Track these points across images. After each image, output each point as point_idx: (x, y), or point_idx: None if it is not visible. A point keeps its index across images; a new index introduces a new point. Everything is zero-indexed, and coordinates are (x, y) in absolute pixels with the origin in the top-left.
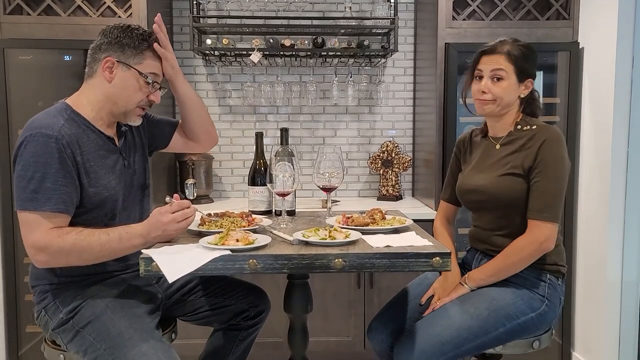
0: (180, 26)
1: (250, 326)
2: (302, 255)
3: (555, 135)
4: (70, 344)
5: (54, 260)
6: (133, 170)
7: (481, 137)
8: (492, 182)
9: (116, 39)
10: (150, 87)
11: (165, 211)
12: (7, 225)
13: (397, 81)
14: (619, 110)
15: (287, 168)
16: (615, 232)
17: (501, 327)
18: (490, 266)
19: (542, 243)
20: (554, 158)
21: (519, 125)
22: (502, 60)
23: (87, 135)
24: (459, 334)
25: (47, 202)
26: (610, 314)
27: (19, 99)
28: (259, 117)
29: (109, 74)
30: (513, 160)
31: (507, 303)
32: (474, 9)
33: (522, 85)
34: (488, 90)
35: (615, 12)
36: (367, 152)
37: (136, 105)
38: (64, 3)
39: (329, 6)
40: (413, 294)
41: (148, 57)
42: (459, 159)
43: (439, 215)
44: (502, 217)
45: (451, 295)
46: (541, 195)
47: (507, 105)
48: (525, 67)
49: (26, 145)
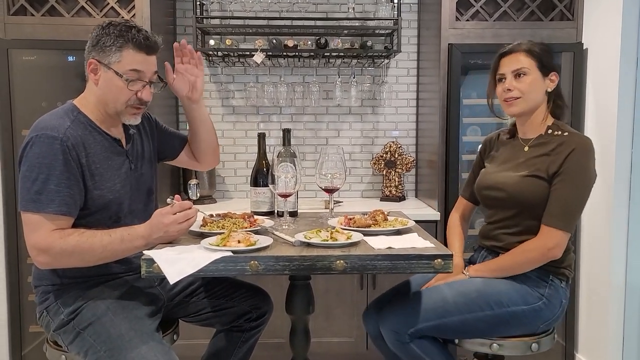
0: (184, 27)
1: (253, 328)
2: (304, 257)
3: (585, 145)
4: (71, 345)
5: (55, 261)
6: (140, 174)
7: (508, 137)
8: (515, 181)
9: (96, 38)
10: (134, 86)
11: (167, 212)
12: (11, 225)
13: (401, 82)
14: (623, 112)
15: (290, 169)
16: (619, 234)
17: (488, 310)
18: (493, 261)
19: (550, 250)
20: (579, 167)
21: (550, 129)
22: (522, 58)
23: (93, 137)
24: (443, 305)
25: (50, 203)
26: (614, 315)
27: (23, 99)
28: (262, 117)
29: (94, 76)
30: (539, 163)
31: (498, 290)
32: (478, 9)
33: (547, 79)
34: (513, 87)
35: (620, 13)
36: (370, 152)
37: (125, 105)
38: (68, 4)
39: (332, 7)
40: (415, 284)
41: (126, 54)
42: (482, 158)
43: (456, 211)
44: (515, 216)
45: (447, 279)
46: (559, 202)
47: (535, 102)
48: (547, 60)
49: (32, 146)
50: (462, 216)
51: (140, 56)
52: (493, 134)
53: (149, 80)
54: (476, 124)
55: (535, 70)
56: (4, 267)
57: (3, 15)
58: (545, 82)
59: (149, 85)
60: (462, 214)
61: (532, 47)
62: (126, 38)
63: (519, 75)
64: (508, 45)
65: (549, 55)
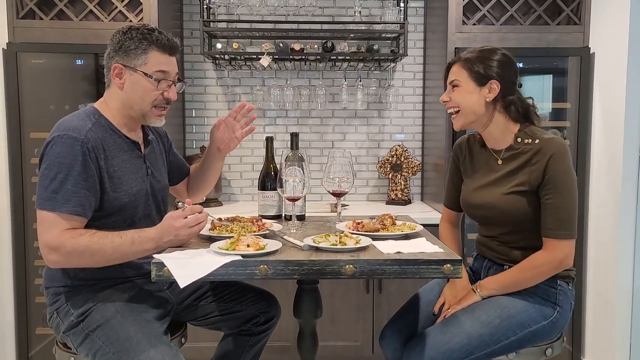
0: (191, 30)
1: (261, 332)
2: (313, 261)
3: (561, 148)
4: (80, 347)
5: (66, 260)
6: (156, 180)
7: (479, 146)
8: (498, 199)
9: (118, 44)
10: (161, 85)
11: (178, 216)
12: (19, 228)
13: (407, 85)
14: (630, 116)
15: (297, 173)
16: (626, 238)
17: (512, 336)
18: (504, 278)
19: (562, 261)
20: (563, 173)
21: (518, 137)
22: (456, 69)
23: (113, 140)
24: (469, 342)
25: (65, 203)
26: (621, 320)
27: (31, 102)
28: (269, 120)
29: (119, 81)
30: (518, 177)
31: (518, 311)
32: (484, 13)
33: (485, 88)
34: (448, 98)
35: (627, 17)
36: (376, 156)
37: (152, 106)
38: (76, 7)
39: (339, 11)
40: (425, 300)
41: (152, 56)
42: (457, 166)
43: (443, 220)
44: (510, 232)
45: (462, 303)
46: (556, 213)
47: (474, 113)
48: (481, 69)
49: (53, 145)
50: (451, 224)
51: (164, 57)
52: (462, 138)
53: (173, 81)
54: None
55: (468, 80)
56: (11, 269)
57: (12, 18)
58: (482, 91)
59: (173, 85)
60: (449, 223)
61: (468, 54)
62: (150, 40)
63: (452, 87)
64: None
65: (485, 61)
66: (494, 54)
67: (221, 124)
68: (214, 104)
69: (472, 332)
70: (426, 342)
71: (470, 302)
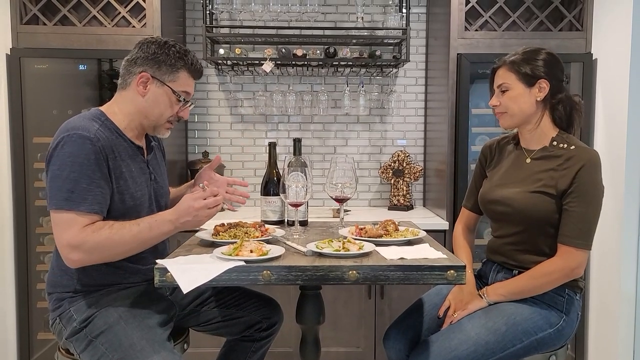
0: (193, 36)
1: (263, 338)
2: (316, 267)
3: (594, 160)
4: (83, 353)
5: (88, 257)
6: (159, 186)
7: (513, 144)
8: (521, 196)
9: (153, 55)
10: (181, 104)
11: (198, 197)
12: (21, 232)
13: (409, 91)
14: (633, 122)
15: (300, 178)
16: (629, 246)
17: (519, 343)
18: (513, 284)
19: (574, 270)
20: (592, 184)
21: (555, 141)
22: (503, 72)
23: (120, 143)
24: (475, 349)
25: (82, 202)
26: (624, 328)
27: (34, 107)
28: (271, 126)
29: (142, 89)
30: (546, 179)
31: (524, 318)
32: (487, 19)
33: (535, 88)
34: (498, 102)
35: (629, 23)
36: (378, 161)
37: (166, 120)
38: (80, 13)
39: (341, 16)
40: (431, 303)
41: (182, 76)
42: (483, 166)
43: (460, 223)
44: (523, 232)
45: (468, 309)
46: (577, 222)
47: (523, 114)
48: (528, 70)
49: (63, 145)
50: (467, 227)
51: (191, 80)
52: (492, 140)
53: (190, 102)
54: (485, 133)
55: (517, 82)
56: (13, 274)
57: (16, 24)
58: (532, 91)
59: (189, 106)
60: (466, 225)
61: (513, 57)
62: (185, 61)
63: (502, 91)
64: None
65: (532, 61)
66: (538, 54)
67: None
68: (217, 109)
69: (479, 340)
70: (433, 348)
71: (477, 307)
